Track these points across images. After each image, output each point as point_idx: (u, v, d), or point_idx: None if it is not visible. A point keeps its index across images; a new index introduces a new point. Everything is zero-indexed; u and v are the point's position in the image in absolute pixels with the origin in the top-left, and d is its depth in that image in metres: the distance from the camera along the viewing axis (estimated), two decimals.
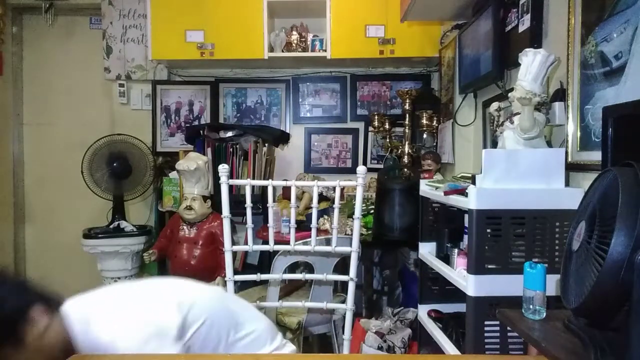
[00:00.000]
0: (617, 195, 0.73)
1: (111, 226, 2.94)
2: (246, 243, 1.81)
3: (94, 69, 3.38)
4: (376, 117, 2.92)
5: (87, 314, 1.06)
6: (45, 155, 3.49)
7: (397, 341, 2.16)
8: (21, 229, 3.51)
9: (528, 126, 1.44)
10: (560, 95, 1.52)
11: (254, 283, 2.26)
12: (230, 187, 1.70)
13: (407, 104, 2.84)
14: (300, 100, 3.38)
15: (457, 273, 1.59)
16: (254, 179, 2.82)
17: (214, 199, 2.67)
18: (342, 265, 2.11)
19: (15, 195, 3.46)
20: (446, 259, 1.80)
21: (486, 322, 1.38)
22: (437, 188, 1.83)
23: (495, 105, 1.80)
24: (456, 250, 1.71)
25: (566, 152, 1.45)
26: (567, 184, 1.43)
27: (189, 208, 2.59)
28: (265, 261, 2.81)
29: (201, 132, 2.92)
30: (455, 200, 1.57)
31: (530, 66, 1.44)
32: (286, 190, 2.79)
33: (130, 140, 3.00)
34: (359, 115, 3.35)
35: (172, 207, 2.96)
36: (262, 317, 1.35)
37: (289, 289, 2.45)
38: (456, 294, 1.52)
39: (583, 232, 0.84)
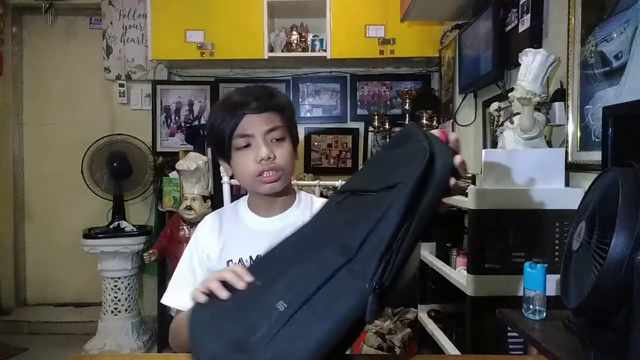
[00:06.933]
0: (617, 195, 0.73)
1: (111, 226, 2.94)
2: None
3: (94, 69, 3.38)
4: (376, 117, 2.92)
5: None
6: (45, 155, 3.49)
7: (397, 341, 2.16)
8: (21, 229, 3.51)
9: (528, 126, 1.44)
10: (560, 95, 1.52)
11: None
12: (231, 187, 1.70)
13: (407, 104, 2.84)
14: (300, 100, 3.38)
15: (457, 273, 1.59)
16: None
17: (214, 199, 2.66)
18: None
19: (15, 195, 3.46)
20: (446, 259, 1.80)
21: (486, 322, 1.38)
22: None
23: (495, 105, 1.81)
24: (456, 250, 1.71)
25: (566, 152, 1.45)
26: (567, 184, 1.43)
27: (189, 208, 2.59)
28: None
29: (201, 132, 2.92)
30: (455, 200, 1.57)
31: (530, 66, 1.44)
32: None
33: (130, 140, 3.00)
34: (359, 115, 3.35)
35: (172, 207, 2.96)
36: None
37: None
38: (456, 294, 1.52)
39: (583, 232, 0.84)
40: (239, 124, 0.95)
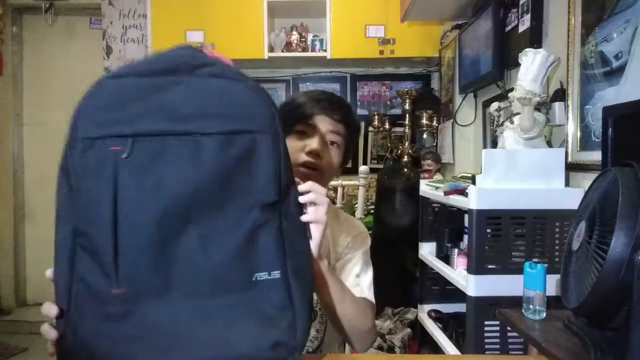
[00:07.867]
0: (617, 195, 0.73)
1: None
2: None
3: (94, 69, 3.37)
4: (376, 117, 2.92)
5: None
6: (45, 155, 3.47)
7: (397, 341, 2.16)
8: (21, 228, 3.51)
9: (528, 126, 1.44)
10: (560, 95, 1.52)
11: None
12: None
13: (407, 104, 2.84)
14: None
15: (457, 273, 1.59)
16: None
17: None
18: None
19: (15, 195, 3.46)
20: (446, 259, 1.80)
21: (486, 322, 1.38)
22: (437, 188, 1.83)
23: (495, 105, 1.80)
24: (456, 250, 1.71)
25: (566, 152, 1.45)
26: (567, 184, 1.43)
27: None
28: None
29: None
30: (455, 200, 1.57)
31: (530, 66, 1.44)
32: None
33: None
34: (359, 115, 3.35)
35: None
36: None
37: None
38: (456, 294, 1.52)
39: (583, 232, 0.84)
40: (315, 113, 1.01)
